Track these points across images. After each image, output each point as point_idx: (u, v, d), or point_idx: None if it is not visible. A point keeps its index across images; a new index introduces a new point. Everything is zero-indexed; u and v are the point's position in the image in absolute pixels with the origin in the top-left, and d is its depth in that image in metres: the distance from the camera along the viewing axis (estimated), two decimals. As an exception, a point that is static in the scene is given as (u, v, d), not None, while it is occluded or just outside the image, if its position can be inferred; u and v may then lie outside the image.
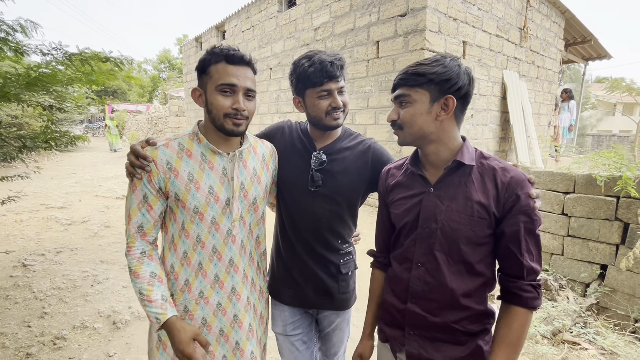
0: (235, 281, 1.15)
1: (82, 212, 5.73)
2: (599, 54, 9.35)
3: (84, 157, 13.19)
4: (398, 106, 0.98)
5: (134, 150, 1.05)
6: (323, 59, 1.15)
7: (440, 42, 4.88)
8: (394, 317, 1.06)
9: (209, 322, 1.13)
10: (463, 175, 0.95)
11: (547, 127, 7.88)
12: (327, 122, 1.20)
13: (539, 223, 0.91)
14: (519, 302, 0.91)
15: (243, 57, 1.06)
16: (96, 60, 2.65)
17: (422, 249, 0.98)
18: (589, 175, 3.08)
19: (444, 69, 0.91)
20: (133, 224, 1.06)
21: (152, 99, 34.62)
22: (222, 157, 1.11)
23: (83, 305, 2.94)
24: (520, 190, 0.89)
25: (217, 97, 1.04)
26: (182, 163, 1.07)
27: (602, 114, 22.44)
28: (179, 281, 1.12)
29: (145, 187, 1.05)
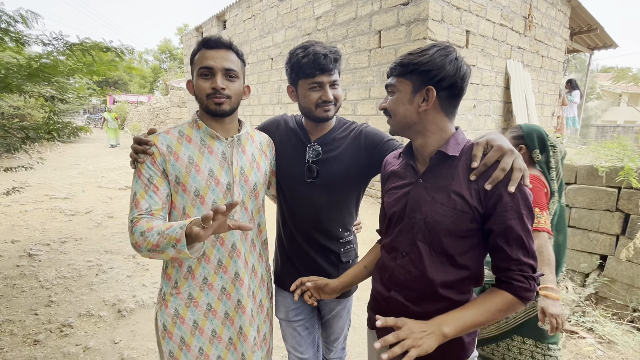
0: (238, 266, 1.16)
1: (86, 203, 5.78)
2: (605, 43, 9.21)
3: (86, 148, 13.24)
4: (388, 95, 1.00)
5: (136, 139, 1.09)
6: (317, 51, 1.15)
7: (443, 32, 4.82)
8: (379, 304, 1.07)
9: (214, 307, 1.15)
10: (450, 167, 0.93)
11: (551, 117, 7.82)
12: (317, 113, 1.21)
13: (532, 219, 0.87)
14: (508, 288, 0.88)
15: (219, 39, 1.09)
16: (97, 50, 2.64)
17: (408, 239, 0.98)
18: (590, 166, 3.07)
19: (427, 60, 0.89)
20: (141, 207, 1.04)
21: (153, 90, 34.51)
22: (221, 141, 1.14)
23: (88, 294, 2.99)
24: (503, 187, 0.85)
25: (198, 81, 1.09)
26: (182, 147, 1.10)
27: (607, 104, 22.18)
28: (182, 268, 1.13)
29: (149, 169, 1.07)
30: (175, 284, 1.14)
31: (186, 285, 1.13)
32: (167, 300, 1.15)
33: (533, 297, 0.88)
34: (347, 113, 5.81)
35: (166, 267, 1.17)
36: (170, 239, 0.93)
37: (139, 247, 0.99)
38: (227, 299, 1.17)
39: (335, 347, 1.49)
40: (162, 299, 1.17)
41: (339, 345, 1.50)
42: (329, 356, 1.51)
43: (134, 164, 1.09)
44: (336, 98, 1.21)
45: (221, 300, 1.16)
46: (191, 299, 1.14)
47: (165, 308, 1.15)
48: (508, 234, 0.86)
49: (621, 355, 2.38)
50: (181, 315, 1.14)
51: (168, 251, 0.95)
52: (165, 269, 1.17)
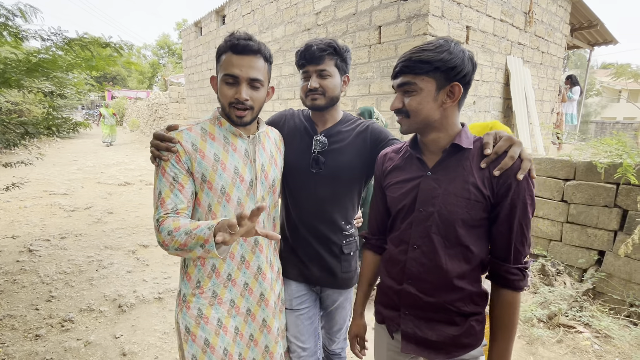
0: (261, 261, 1.18)
1: (85, 199, 5.78)
2: (605, 39, 9.18)
3: (85, 144, 13.21)
4: (402, 94, 0.96)
5: (158, 135, 1.07)
6: (308, 44, 1.26)
7: (443, 27, 4.81)
8: (390, 298, 1.09)
9: (237, 303, 1.17)
10: (461, 159, 0.96)
11: (550, 114, 7.82)
12: (307, 102, 1.29)
13: (533, 208, 0.93)
14: (506, 284, 0.95)
15: (248, 45, 1.06)
16: (96, 46, 2.63)
17: (419, 231, 0.99)
18: (589, 162, 3.08)
19: (450, 56, 0.90)
20: (167, 206, 1.03)
21: (151, 85, 34.36)
22: (244, 139, 1.15)
23: (89, 289, 3.00)
24: (514, 178, 0.90)
25: (222, 87, 1.09)
26: (207, 145, 1.09)
27: (607, 100, 22.16)
28: (205, 267, 1.13)
29: (174, 168, 1.05)
30: (197, 284, 1.13)
31: (210, 284, 1.13)
32: (189, 301, 1.13)
33: (527, 284, 0.95)
34: (347, 109, 5.80)
35: (186, 266, 1.16)
36: (198, 239, 0.93)
37: (166, 246, 0.99)
38: (249, 295, 1.18)
39: (338, 337, 1.51)
40: (182, 301, 1.15)
41: (342, 336, 1.53)
42: (331, 347, 1.53)
43: (155, 161, 1.08)
44: (324, 87, 1.25)
45: (243, 297, 1.18)
46: (215, 297, 1.14)
47: (187, 309, 1.13)
48: (512, 221, 0.91)
49: (617, 349, 2.41)
50: (205, 314, 1.13)
51: (196, 250, 0.95)
52: (186, 269, 1.16)
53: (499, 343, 0.96)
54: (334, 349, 1.53)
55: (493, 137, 0.96)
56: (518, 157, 0.91)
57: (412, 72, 0.92)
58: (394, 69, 0.97)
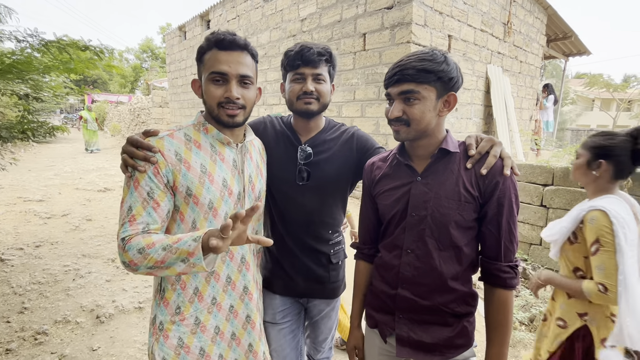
0: (247, 280, 1.09)
1: (62, 205, 5.58)
2: (579, 50, 9.59)
3: (64, 148, 12.80)
4: (401, 102, 0.95)
5: (134, 141, 0.94)
6: (304, 45, 1.19)
7: (426, 36, 4.91)
8: (384, 302, 1.09)
9: (222, 329, 1.06)
10: (448, 163, 0.99)
11: (529, 121, 8.07)
12: (298, 106, 1.21)
13: (518, 206, 0.97)
14: (498, 283, 0.98)
15: (235, 40, 0.98)
16: (74, 48, 2.56)
17: (412, 236, 1.01)
18: (566, 168, 3.19)
19: (449, 67, 0.93)
20: (137, 225, 0.90)
21: (134, 90, 33.73)
22: (232, 148, 1.06)
23: (65, 300, 2.88)
24: (499, 176, 0.94)
25: (209, 87, 0.99)
26: (192, 154, 0.98)
27: (581, 109, 23.10)
28: (187, 290, 1.01)
29: (150, 182, 0.92)
30: (177, 310, 1.01)
31: (192, 309, 1.01)
32: (167, 330, 1.00)
33: (518, 282, 0.97)
34: (332, 115, 5.83)
35: (162, 290, 1.02)
36: (180, 253, 0.83)
37: (135, 265, 0.87)
38: (234, 318, 1.08)
39: (323, 347, 1.49)
40: (158, 330, 1.01)
41: (327, 346, 1.50)
42: (316, 356, 1.51)
43: (127, 170, 0.94)
44: (319, 92, 1.20)
45: (229, 321, 1.07)
46: (198, 324, 1.02)
47: (165, 339, 1.00)
48: (500, 219, 0.95)
49: (596, 351, 2.47)
50: (186, 344, 1.01)
51: (175, 267, 0.85)
52: (162, 294, 1.02)
53: (495, 346, 0.98)
54: (319, 358, 1.51)
55: (475, 139, 1.01)
56: (499, 157, 0.96)
57: (416, 80, 0.93)
58: (392, 76, 0.95)
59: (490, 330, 1.00)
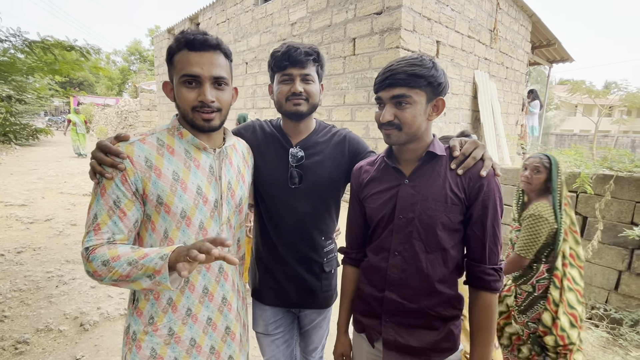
0: (226, 290, 1.05)
1: (46, 210, 5.44)
2: (562, 57, 9.86)
3: (48, 152, 12.49)
4: (393, 106, 0.96)
5: (102, 146, 0.90)
6: (291, 45, 1.16)
7: (415, 41, 4.98)
8: (370, 306, 1.09)
9: (198, 342, 1.02)
10: (435, 166, 1.01)
11: (515, 125, 8.23)
12: (287, 107, 1.18)
13: (502, 209, 0.98)
14: (483, 285, 0.99)
15: (207, 40, 0.93)
16: (59, 49, 2.51)
17: (399, 238, 1.01)
18: (552, 172, 3.25)
19: (437, 72, 0.95)
20: (102, 234, 0.87)
21: (121, 92, 33.27)
22: (208, 154, 1.01)
23: (47, 307, 2.80)
24: (484, 179, 0.96)
25: (181, 90, 0.93)
26: (164, 160, 0.93)
27: (565, 114, 23.72)
28: (160, 300, 0.97)
29: (117, 190, 0.88)
30: (150, 320, 0.97)
31: (166, 320, 0.97)
32: (140, 340, 0.97)
33: (502, 285, 0.99)
34: (322, 118, 5.84)
35: (136, 300, 0.99)
36: (146, 270, 0.80)
37: (99, 277, 0.84)
38: (212, 331, 1.04)
39: (313, 356, 1.47)
40: (131, 339, 0.98)
41: (317, 355, 1.48)
42: None
43: (95, 177, 0.91)
44: (308, 93, 1.17)
45: (206, 334, 1.03)
46: (172, 335, 0.98)
47: (137, 349, 0.97)
48: (485, 222, 0.96)
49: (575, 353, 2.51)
50: (159, 354, 0.98)
51: (141, 282, 0.82)
52: (136, 303, 0.99)
53: (479, 347, 0.99)
54: None
55: (459, 142, 1.03)
56: (480, 159, 0.98)
57: (407, 85, 0.93)
58: (383, 80, 0.96)
59: (475, 332, 1.01)
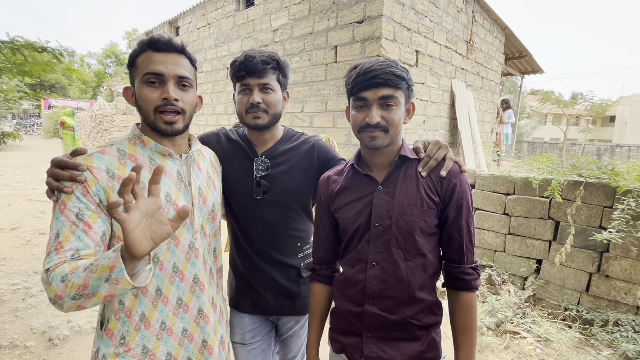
0: (202, 302, 1.01)
1: (12, 218, 5.15)
2: (534, 69, 10.33)
3: (15, 157, 11.88)
4: (379, 107, 0.93)
5: (57, 162, 0.85)
6: (248, 54, 1.12)
7: (395, 50, 5.08)
8: (349, 323, 1.04)
9: (174, 355, 0.98)
10: (407, 170, 1.00)
11: (491, 133, 8.52)
12: (247, 119, 1.15)
13: (472, 206, 1.01)
14: (463, 285, 0.99)
15: (171, 42, 0.93)
16: (30, 50, 2.40)
17: (377, 247, 0.98)
18: (526, 179, 3.37)
19: (409, 76, 0.97)
20: (64, 252, 0.80)
21: (96, 95, 32.19)
22: (175, 160, 0.98)
23: (12, 322, 2.63)
24: (455, 179, 0.97)
25: (143, 90, 0.91)
26: (127, 170, 0.90)
27: (536, 122, 24.80)
28: (132, 318, 0.92)
29: (79, 202, 0.83)
30: (122, 341, 0.92)
31: (138, 338, 0.92)
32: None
33: (481, 283, 0.99)
34: (304, 125, 5.85)
35: (106, 321, 0.93)
36: (101, 270, 0.72)
37: (60, 299, 0.75)
38: (189, 343, 1.00)
39: None
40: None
41: None
42: None
43: (54, 195, 0.86)
44: (267, 103, 1.13)
45: (182, 346, 0.99)
46: (146, 353, 0.93)
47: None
48: (460, 221, 0.97)
49: (556, 352, 2.59)
50: None
51: (100, 290, 0.73)
52: (105, 325, 0.93)
53: (464, 349, 0.98)
54: None
55: (422, 143, 1.05)
56: (442, 159, 0.99)
57: (395, 85, 0.92)
58: (369, 79, 0.92)
59: (458, 335, 1.00)
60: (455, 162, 0.99)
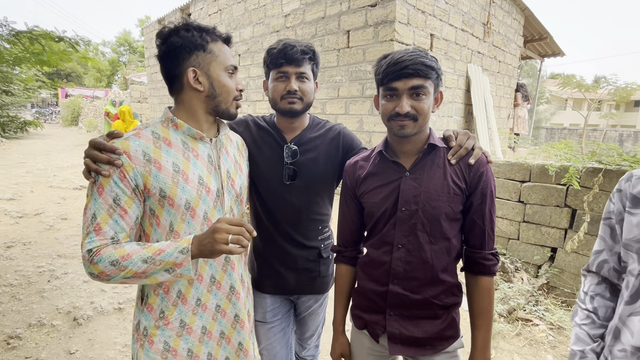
0: (233, 279, 1.07)
1: (35, 204, 5.35)
2: (554, 51, 9.94)
3: (35, 145, 12.24)
4: (409, 97, 0.96)
5: (96, 144, 0.88)
6: (287, 43, 1.17)
7: (409, 34, 4.96)
8: (373, 301, 1.09)
9: (209, 329, 1.04)
10: (435, 158, 1.03)
11: (507, 119, 8.31)
12: (282, 105, 1.20)
13: (495, 193, 1.04)
14: (483, 270, 1.03)
15: (230, 38, 1.05)
16: (47, 40, 2.44)
17: (403, 231, 1.02)
18: (542, 166, 3.30)
19: (438, 66, 0.99)
20: (104, 234, 0.86)
21: (110, 84, 32.64)
22: (205, 143, 1.02)
23: (39, 302, 2.77)
24: (483, 167, 1.00)
25: (227, 79, 1.00)
26: (162, 153, 0.93)
27: (555, 108, 24.01)
28: (170, 294, 0.98)
29: (116, 187, 0.87)
30: (161, 315, 0.99)
31: (176, 313, 0.99)
32: (152, 335, 0.98)
33: (498, 268, 1.01)
34: (316, 112, 5.82)
35: (145, 296, 1.01)
36: (165, 265, 0.84)
37: (106, 276, 0.84)
38: (222, 317, 1.07)
39: (309, 344, 1.49)
40: (142, 336, 0.99)
41: (313, 343, 1.50)
42: (302, 353, 1.51)
43: (90, 175, 0.89)
44: (302, 91, 1.19)
45: (216, 320, 1.05)
46: (184, 327, 1.00)
47: (150, 345, 0.98)
48: (484, 209, 1.00)
49: (569, 340, 2.58)
50: (173, 347, 0.99)
51: (157, 275, 0.85)
52: (145, 299, 1.00)
53: (481, 332, 1.02)
54: (305, 355, 1.51)
55: (453, 132, 1.08)
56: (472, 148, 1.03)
57: (425, 75, 0.95)
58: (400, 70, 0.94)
59: (476, 317, 1.04)
60: (483, 152, 1.03)
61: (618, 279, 0.88)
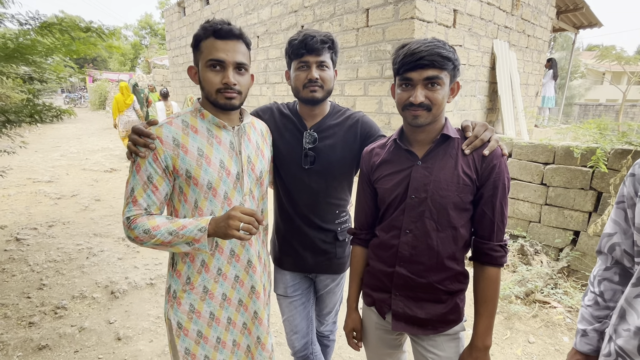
0: (251, 254, 1.19)
1: (71, 186, 5.70)
2: (590, 22, 9.26)
3: (67, 129, 12.85)
4: (424, 87, 0.97)
5: (136, 130, 1.04)
6: (307, 34, 1.23)
7: (430, 11, 4.79)
8: (381, 281, 1.16)
9: (228, 295, 1.18)
10: (448, 148, 1.05)
11: (535, 97, 7.94)
12: (304, 94, 1.26)
13: (509, 189, 1.04)
14: (490, 261, 1.05)
15: (232, 30, 1.05)
16: (77, 31, 2.56)
17: (411, 217, 1.06)
18: (567, 147, 3.20)
19: (456, 57, 0.99)
20: (139, 205, 1.03)
21: (134, 67, 33.29)
22: (228, 131, 1.13)
23: (80, 277, 3.03)
24: (496, 160, 1.01)
25: (207, 74, 1.05)
26: (190, 139, 1.06)
27: (591, 82, 22.50)
28: (195, 263, 1.13)
29: (150, 167, 1.02)
30: (187, 280, 1.14)
31: (200, 279, 1.14)
32: (180, 297, 1.14)
33: (507, 260, 1.05)
34: (335, 94, 5.78)
35: (175, 263, 1.16)
36: (186, 239, 0.99)
37: (140, 241, 1.01)
38: (240, 287, 1.20)
39: (327, 320, 1.60)
40: (172, 297, 1.15)
41: (331, 319, 1.61)
42: (320, 329, 1.62)
43: (132, 156, 1.05)
44: (323, 79, 1.24)
45: (235, 289, 1.19)
46: (206, 292, 1.15)
47: (178, 306, 1.14)
48: (494, 201, 1.01)
49: (587, 323, 2.58)
50: (197, 309, 1.15)
51: (180, 246, 1.01)
52: (175, 266, 1.16)
53: (483, 318, 1.06)
54: (323, 330, 1.62)
55: (471, 122, 1.09)
56: (487, 140, 1.03)
57: (441, 66, 0.96)
58: (416, 61, 0.96)
59: (480, 305, 1.07)
60: (499, 145, 1.03)
61: (631, 262, 0.89)
